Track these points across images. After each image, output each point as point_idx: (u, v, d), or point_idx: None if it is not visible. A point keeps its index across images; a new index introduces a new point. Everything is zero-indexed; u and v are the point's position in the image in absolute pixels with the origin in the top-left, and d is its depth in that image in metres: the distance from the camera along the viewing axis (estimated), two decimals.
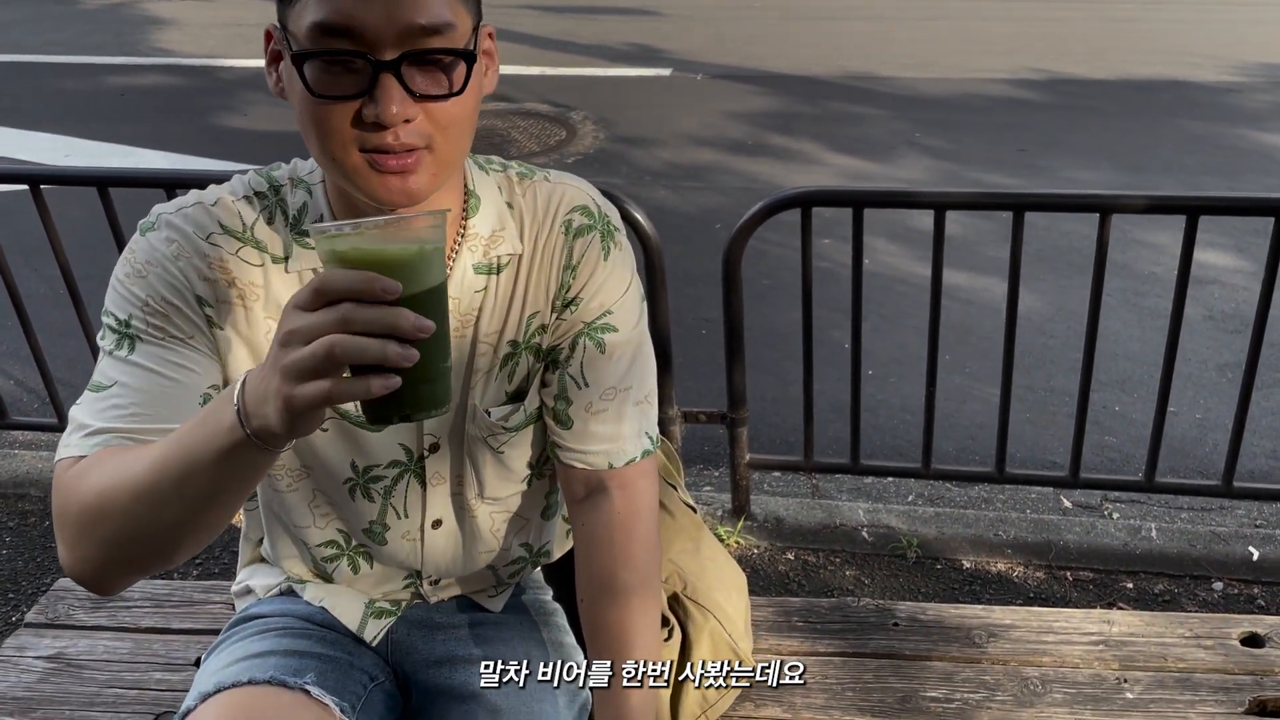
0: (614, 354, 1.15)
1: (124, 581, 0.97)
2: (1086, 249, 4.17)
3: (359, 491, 1.17)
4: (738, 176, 5.26)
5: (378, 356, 0.75)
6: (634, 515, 1.18)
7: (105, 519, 0.91)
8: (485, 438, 1.17)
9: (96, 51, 8.18)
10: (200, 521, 0.90)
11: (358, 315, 0.75)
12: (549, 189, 1.14)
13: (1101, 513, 2.72)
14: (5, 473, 2.95)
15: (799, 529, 2.62)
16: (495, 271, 1.11)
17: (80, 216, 2.81)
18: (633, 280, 1.17)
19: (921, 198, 2.22)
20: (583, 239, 1.12)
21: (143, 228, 1.05)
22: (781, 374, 3.41)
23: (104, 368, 1.00)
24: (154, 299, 1.00)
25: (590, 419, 1.15)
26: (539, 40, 8.03)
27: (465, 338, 1.11)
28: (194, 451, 0.85)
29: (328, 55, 0.90)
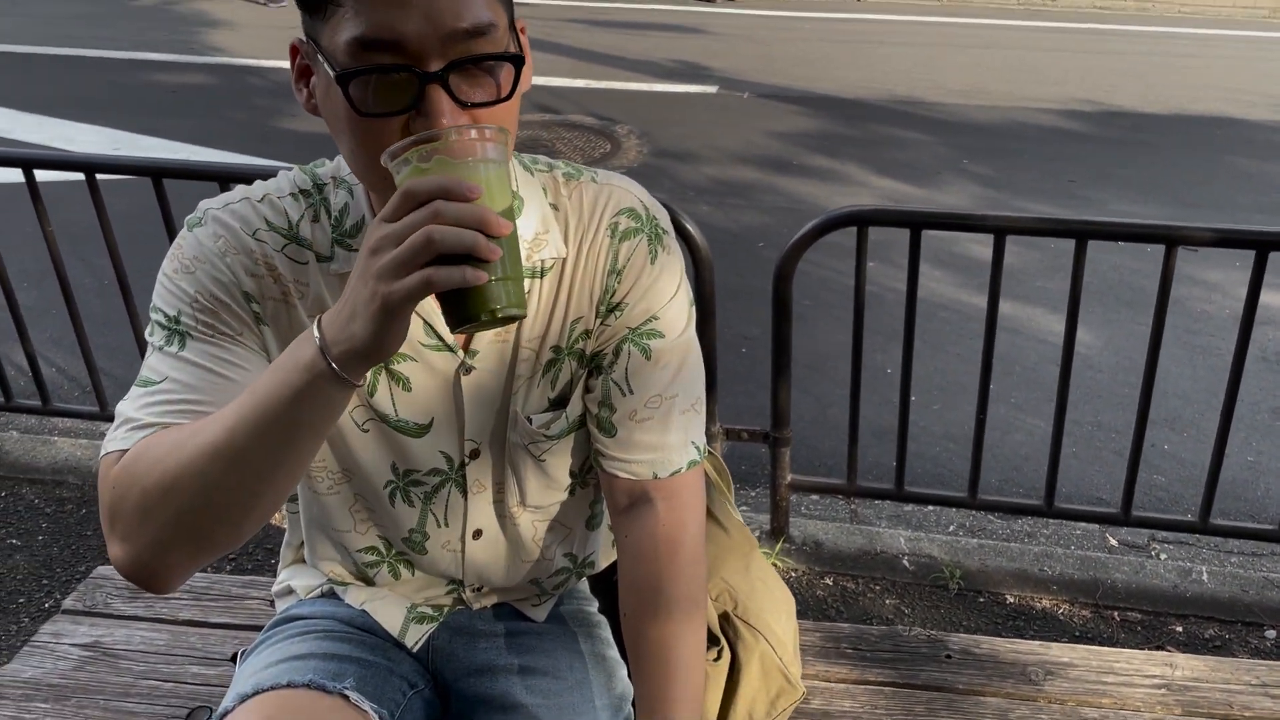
0: (660, 360, 1.11)
1: (185, 569, 0.94)
2: (1135, 282, 4.13)
3: (399, 496, 1.15)
4: (781, 195, 5.23)
5: (471, 244, 0.77)
6: (680, 527, 1.14)
7: (176, 492, 0.88)
8: (526, 445, 1.14)
9: (149, 48, 8.30)
10: (274, 478, 0.88)
11: (448, 209, 0.78)
12: (595, 190, 1.10)
13: (1149, 553, 2.65)
14: (44, 459, 2.96)
15: (838, 554, 2.57)
16: (539, 276, 1.08)
17: (125, 208, 2.82)
18: (681, 285, 1.13)
19: (982, 221, 2.17)
20: (629, 242, 1.09)
21: (190, 223, 1.03)
22: (821, 395, 3.37)
23: (153, 363, 0.99)
24: (203, 295, 0.99)
25: (635, 427, 1.12)
26: (586, 54, 8.06)
27: (507, 343, 1.09)
28: (270, 398, 0.84)
29: (374, 72, 0.86)
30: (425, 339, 1.06)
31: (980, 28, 9.23)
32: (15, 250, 2.96)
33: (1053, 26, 9.32)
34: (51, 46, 8.35)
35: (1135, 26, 9.37)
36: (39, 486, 2.89)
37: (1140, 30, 9.21)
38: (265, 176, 1.10)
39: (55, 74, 7.62)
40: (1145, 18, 9.81)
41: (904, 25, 9.34)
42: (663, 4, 10.34)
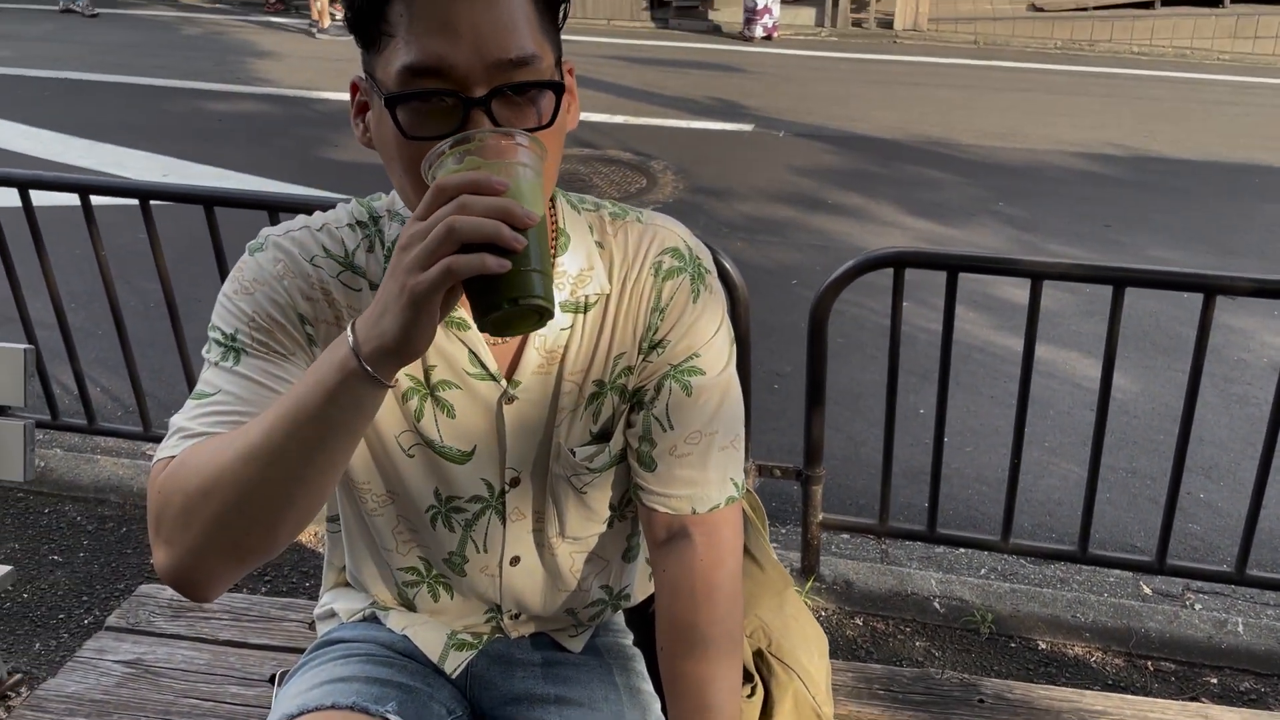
0: (700, 397, 1.13)
1: (224, 576, 0.95)
2: (1172, 328, 4.11)
3: (440, 520, 1.17)
4: (814, 234, 5.25)
5: (492, 233, 0.79)
6: (717, 563, 1.15)
7: (213, 493, 0.90)
8: (569, 476, 1.16)
9: (198, 77, 8.49)
10: (307, 479, 0.89)
11: (474, 201, 0.80)
12: (640, 230, 1.13)
13: (1183, 602, 2.63)
14: (87, 477, 3.02)
15: (868, 594, 2.56)
16: (582, 310, 1.10)
17: (172, 233, 2.89)
18: (722, 323, 1.15)
19: (1018, 266, 2.18)
20: (672, 281, 1.12)
21: (251, 249, 1.07)
22: (852, 433, 3.37)
23: (208, 377, 1.02)
24: (260, 315, 1.02)
25: (674, 462, 1.14)
26: (624, 90, 8.16)
27: (550, 375, 1.11)
28: (305, 398, 0.87)
29: (420, 96, 0.90)
30: (470, 367, 1.09)
31: (1017, 71, 9.25)
32: (63, 271, 3.03)
33: (1090, 71, 9.33)
34: (105, 74, 8.57)
35: (1173, 72, 9.35)
36: (81, 504, 2.94)
37: (1178, 76, 9.19)
38: (312, 207, 1.14)
39: (108, 100, 7.81)
40: (1184, 64, 9.79)
41: (940, 67, 9.39)
42: (701, 42, 10.46)
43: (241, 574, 0.96)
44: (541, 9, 0.96)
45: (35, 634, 2.44)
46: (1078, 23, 10.62)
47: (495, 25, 0.90)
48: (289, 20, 11.39)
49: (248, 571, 0.96)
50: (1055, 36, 10.57)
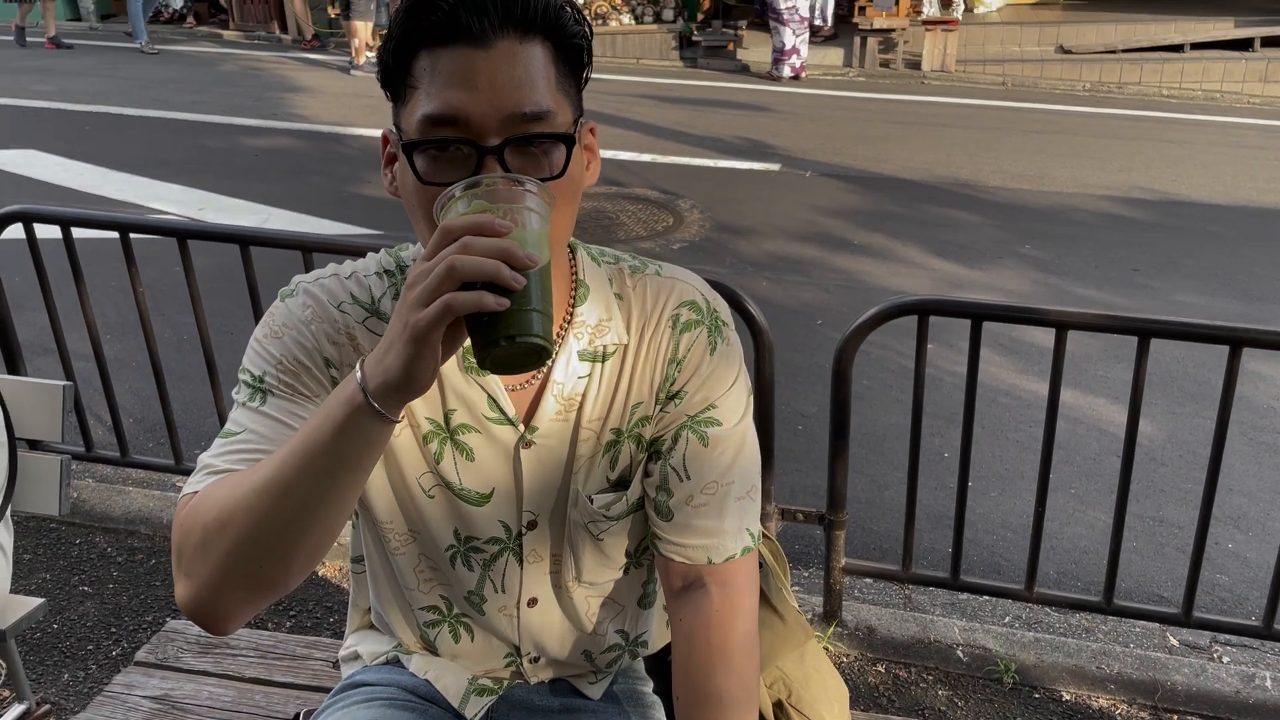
0: (716, 448, 1.15)
1: (241, 608, 0.97)
2: (1200, 375, 4.08)
3: (459, 559, 1.19)
4: (840, 274, 5.27)
5: (492, 272, 0.82)
6: (733, 614, 1.16)
7: (229, 526, 0.93)
8: (586, 523, 1.18)
9: (236, 113, 8.66)
10: (318, 512, 0.92)
11: (476, 242, 0.83)
12: (659, 283, 1.16)
13: (1210, 655, 2.60)
14: (118, 509, 3.06)
15: (891, 641, 2.55)
16: (600, 360, 1.13)
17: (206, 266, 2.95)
18: (739, 375, 1.18)
19: (1044, 315, 2.19)
20: (689, 334, 1.14)
21: (283, 294, 1.11)
22: (876, 477, 3.37)
23: (236, 417, 1.06)
24: (287, 358, 1.06)
25: (691, 512, 1.15)
26: (653, 128, 8.24)
27: (568, 423, 1.13)
28: (315, 433, 0.90)
29: (434, 143, 0.95)
30: (489, 412, 1.11)
31: (1045, 113, 9.26)
32: (100, 303, 3.11)
33: (1119, 114, 9.33)
34: (144, 109, 8.75)
35: (1202, 116, 9.33)
36: (112, 535, 2.99)
37: (1207, 120, 9.17)
38: (342, 247, 1.18)
39: (147, 135, 7.98)
40: (1213, 107, 9.77)
41: (968, 109, 9.41)
42: (729, 82, 10.55)
43: (257, 608, 0.98)
44: (561, 69, 1.00)
45: (64, 665, 2.47)
46: (1106, 65, 10.63)
47: (512, 80, 0.95)
48: (326, 57, 11.61)
49: (263, 605, 0.98)
50: (1083, 79, 10.58)
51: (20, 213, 2.71)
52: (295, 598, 2.72)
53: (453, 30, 0.95)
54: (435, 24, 0.95)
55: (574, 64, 1.03)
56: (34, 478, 1.86)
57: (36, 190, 6.34)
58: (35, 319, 2.95)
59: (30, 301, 2.98)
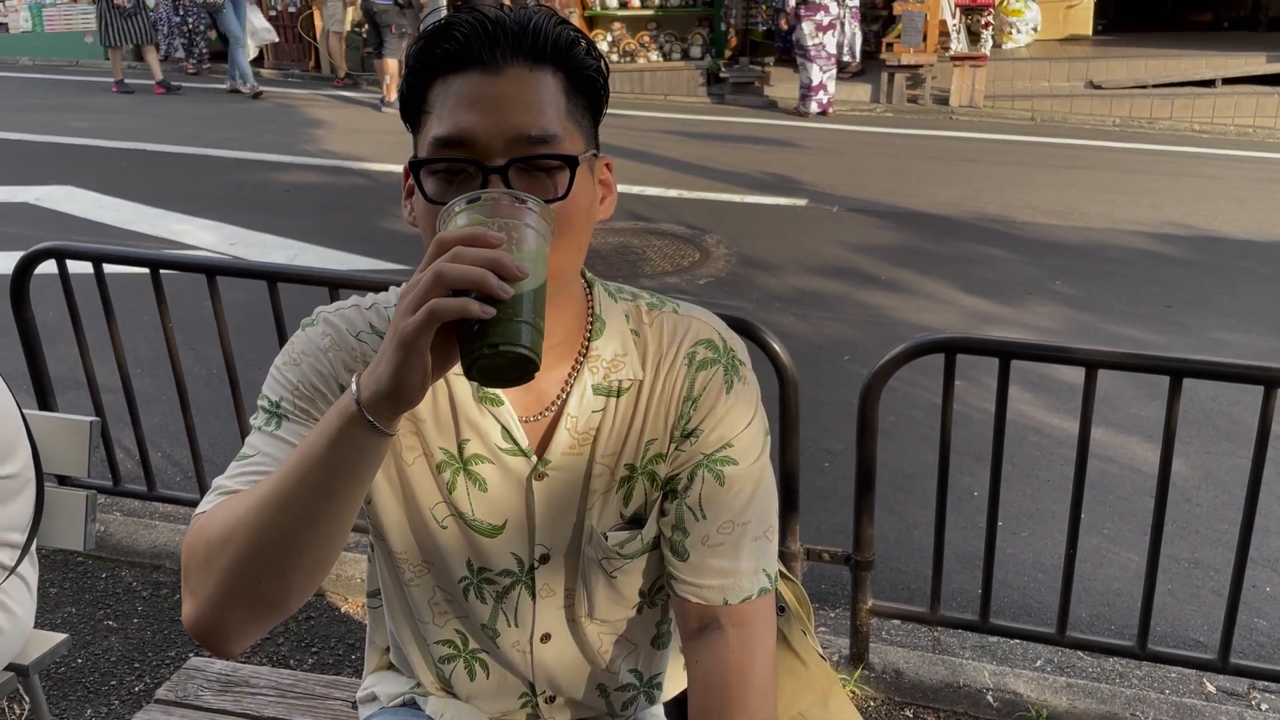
0: (733, 487, 1.14)
1: (244, 626, 0.97)
2: (1235, 414, 4.01)
3: (473, 591, 1.19)
4: (866, 310, 5.24)
5: (478, 280, 0.83)
6: (749, 656, 1.15)
7: (230, 541, 0.94)
8: (600, 560, 1.18)
9: (268, 149, 8.79)
10: (315, 526, 0.92)
11: (466, 251, 0.84)
12: (675, 320, 1.17)
13: (1249, 702, 2.53)
14: (144, 543, 3.08)
15: (919, 685, 2.50)
16: (615, 395, 1.13)
17: (236, 300, 2.99)
18: (756, 415, 1.17)
19: (1073, 354, 2.16)
20: (705, 372, 1.14)
21: (304, 324, 1.14)
22: (904, 515, 3.32)
23: (252, 441, 1.07)
24: (304, 384, 1.07)
25: (707, 552, 1.14)
26: (678, 164, 8.27)
27: (582, 457, 1.14)
28: (311, 446, 0.91)
29: (440, 161, 0.99)
30: (502, 442, 1.12)
31: (1075, 148, 9.21)
32: (130, 338, 3.14)
33: (1150, 149, 9.26)
34: (178, 145, 8.91)
35: (1235, 151, 9.25)
36: (137, 570, 3.00)
37: (1240, 155, 9.09)
38: (367, 285, 1.20)
39: (182, 171, 8.12)
40: (1245, 143, 9.69)
41: (997, 144, 9.39)
42: (756, 118, 10.60)
43: (260, 628, 0.98)
44: (573, 100, 1.03)
45: (87, 700, 2.48)
46: (1136, 100, 10.58)
47: (520, 104, 0.98)
48: (358, 94, 11.78)
49: (266, 627, 0.98)
50: (1114, 114, 10.53)
51: (53, 250, 2.76)
52: (318, 635, 2.71)
53: (465, 58, 0.99)
54: (449, 53, 0.99)
55: (588, 96, 1.05)
56: (59, 512, 1.87)
57: (73, 225, 6.45)
58: (68, 353, 2.99)
59: (62, 335, 3.02)
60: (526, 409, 1.13)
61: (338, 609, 2.82)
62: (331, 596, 2.87)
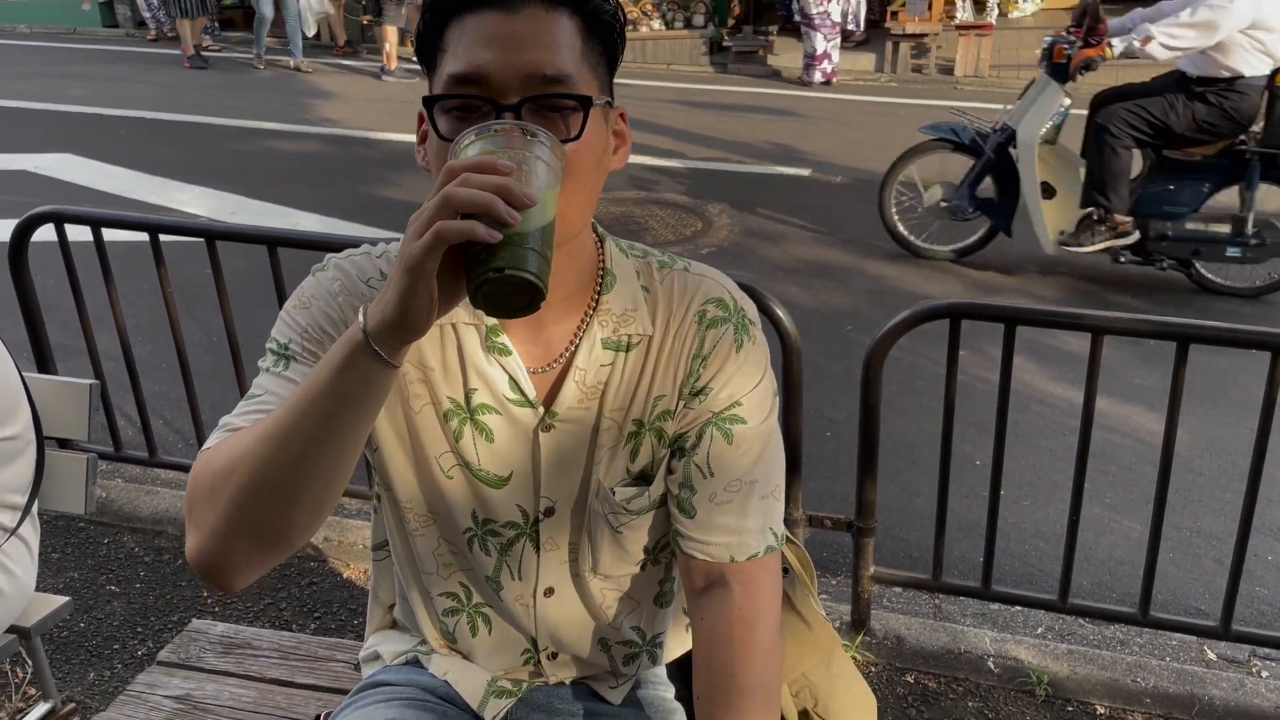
0: (741, 446, 1.14)
1: (247, 561, 0.96)
2: (1240, 382, 4.00)
3: (477, 543, 1.19)
4: (869, 279, 5.22)
5: (485, 203, 0.82)
6: (755, 613, 1.15)
7: (234, 472, 0.93)
8: (607, 515, 1.18)
9: (268, 118, 8.74)
10: (318, 458, 0.91)
11: (474, 177, 0.84)
12: (686, 279, 1.16)
13: (1250, 669, 2.53)
14: (146, 509, 3.08)
15: (920, 651, 2.51)
16: (624, 350, 1.13)
17: (238, 268, 2.97)
18: (765, 374, 1.17)
19: (1079, 320, 2.15)
20: (715, 330, 1.14)
21: (314, 270, 1.13)
22: (906, 484, 3.32)
23: (259, 381, 1.07)
24: (313, 327, 1.07)
25: (714, 509, 1.14)
26: (681, 133, 8.22)
27: (590, 411, 1.13)
28: (316, 376, 0.91)
29: (455, 97, 0.98)
30: (509, 393, 1.11)
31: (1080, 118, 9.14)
32: (130, 304, 3.12)
33: None
34: (179, 114, 8.86)
35: None
36: (139, 535, 3.00)
37: None
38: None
39: (182, 139, 8.07)
40: None
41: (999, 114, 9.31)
42: (760, 87, 10.51)
43: (263, 563, 0.97)
44: (589, 43, 1.02)
45: (90, 663, 2.49)
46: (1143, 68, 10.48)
47: (535, 44, 0.97)
48: (358, 63, 11.70)
49: (269, 563, 0.98)
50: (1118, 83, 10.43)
51: (51, 214, 2.74)
52: (320, 599, 2.72)
53: None
54: None
55: (604, 41, 1.04)
56: (60, 476, 1.87)
57: (73, 194, 6.43)
58: (68, 320, 2.98)
59: (62, 303, 3.01)
60: (535, 360, 1.12)
61: (340, 574, 2.83)
62: (334, 562, 2.87)
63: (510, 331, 1.11)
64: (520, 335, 1.12)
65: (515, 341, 1.11)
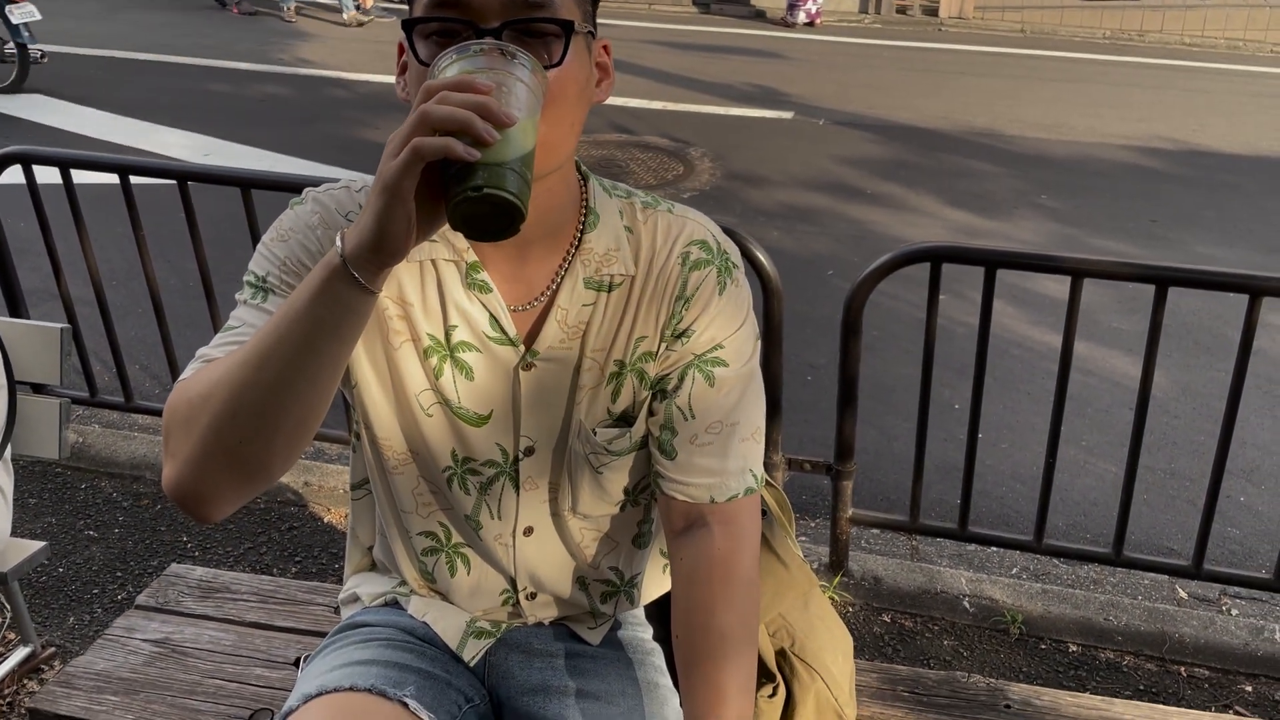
0: (723, 388, 1.14)
1: (224, 490, 0.95)
2: (1215, 328, 4.03)
3: (456, 482, 1.19)
4: (852, 224, 5.20)
5: (463, 120, 0.80)
6: (734, 553, 1.15)
7: (211, 398, 0.91)
8: (588, 455, 1.18)
9: (241, 58, 8.56)
10: (294, 383, 0.90)
11: (452, 95, 0.82)
12: (670, 220, 1.15)
13: (1220, 608, 2.58)
14: (124, 454, 3.06)
15: (897, 591, 2.54)
16: (606, 289, 1.12)
17: (212, 212, 2.92)
18: (747, 318, 1.17)
19: (1060, 263, 2.14)
20: (699, 272, 1.13)
21: (292, 204, 1.12)
22: (885, 428, 3.34)
23: (236, 314, 1.05)
24: (291, 259, 1.06)
25: (695, 451, 1.14)
26: (663, 75, 8.12)
27: (571, 350, 1.13)
28: (293, 301, 0.89)
29: (434, 21, 0.96)
30: (490, 330, 1.11)
31: (1064, 61, 9.09)
32: (104, 249, 3.08)
33: (1139, 62, 9.15)
34: (150, 53, 8.66)
35: (1224, 65, 9.15)
36: (117, 480, 2.99)
37: (1229, 69, 8.99)
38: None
39: (152, 79, 7.90)
40: (1236, 56, 9.57)
41: (985, 56, 9.24)
42: (742, 28, 10.38)
43: (241, 494, 0.96)
44: None
45: (69, 608, 2.48)
46: (1127, 12, 10.41)
47: None
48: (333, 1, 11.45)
49: (247, 494, 0.96)
50: (1104, 26, 10.37)
51: (19, 154, 2.67)
52: (301, 544, 2.72)
53: None
54: None
55: None
56: (33, 420, 1.85)
57: (44, 136, 6.29)
58: (40, 264, 2.93)
59: (34, 247, 2.95)
60: (515, 298, 1.11)
61: (320, 519, 2.83)
62: (314, 506, 2.87)
63: (491, 269, 1.10)
64: (501, 273, 1.10)
65: (496, 279, 1.10)
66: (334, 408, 1.09)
